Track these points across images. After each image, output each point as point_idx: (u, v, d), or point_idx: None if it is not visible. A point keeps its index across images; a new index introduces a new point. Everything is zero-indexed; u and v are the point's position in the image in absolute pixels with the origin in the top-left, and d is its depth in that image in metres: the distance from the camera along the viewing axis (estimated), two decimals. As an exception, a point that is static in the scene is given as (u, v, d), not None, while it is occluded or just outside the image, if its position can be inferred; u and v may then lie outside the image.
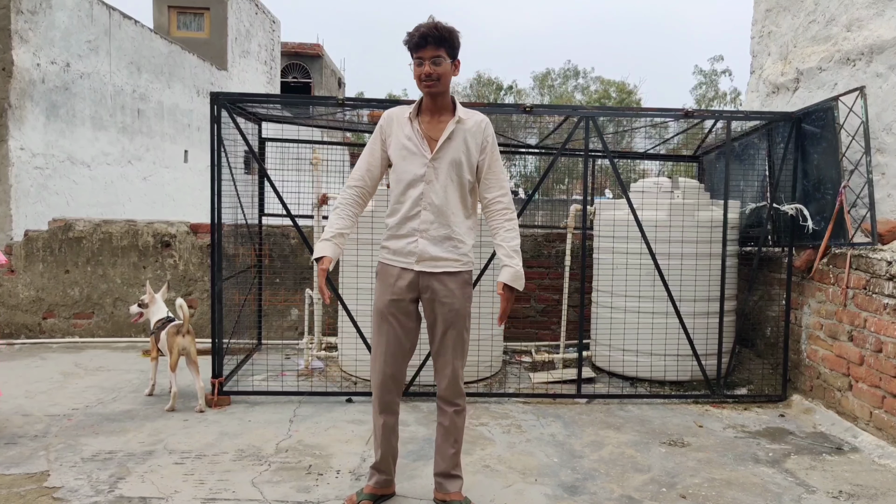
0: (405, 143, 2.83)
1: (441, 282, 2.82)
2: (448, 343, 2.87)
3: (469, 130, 2.83)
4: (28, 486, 3.12)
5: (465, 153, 2.82)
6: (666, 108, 4.79)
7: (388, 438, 2.97)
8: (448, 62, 2.78)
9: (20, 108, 7.03)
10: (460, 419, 2.95)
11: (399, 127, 2.87)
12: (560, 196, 8.68)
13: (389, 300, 2.86)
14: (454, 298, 2.83)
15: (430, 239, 2.81)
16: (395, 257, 2.87)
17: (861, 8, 4.64)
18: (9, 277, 6.09)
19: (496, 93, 35.52)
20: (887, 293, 3.75)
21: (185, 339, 4.24)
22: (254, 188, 5.54)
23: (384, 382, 2.91)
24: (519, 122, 6.26)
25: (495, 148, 2.90)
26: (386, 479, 3.06)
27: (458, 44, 2.81)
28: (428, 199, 2.80)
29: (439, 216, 2.81)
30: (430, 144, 2.82)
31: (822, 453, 3.76)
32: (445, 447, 2.96)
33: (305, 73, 22.80)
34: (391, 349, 2.88)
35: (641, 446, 3.81)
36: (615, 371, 5.09)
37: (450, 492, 2.96)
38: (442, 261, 2.82)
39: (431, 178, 2.80)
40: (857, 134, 4.22)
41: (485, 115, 2.94)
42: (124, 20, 9.47)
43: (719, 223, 4.79)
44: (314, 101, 6.10)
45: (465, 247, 2.87)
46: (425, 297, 2.86)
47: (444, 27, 2.77)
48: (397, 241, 2.86)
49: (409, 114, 2.86)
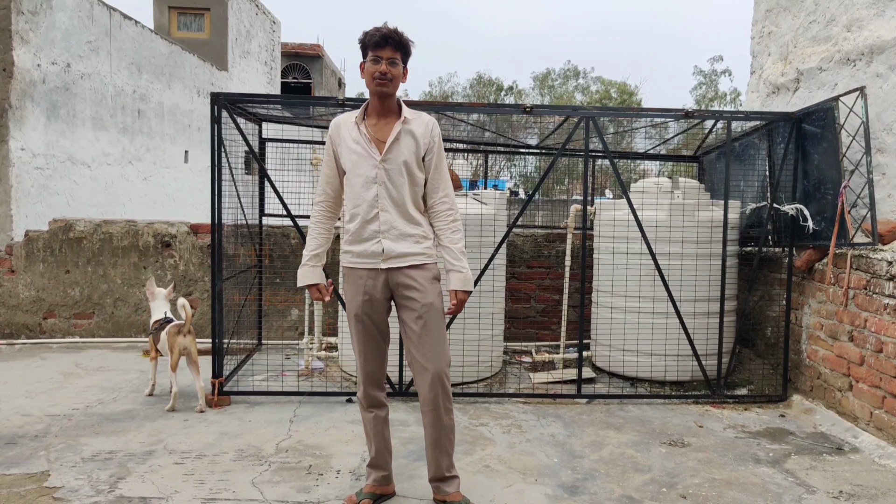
0: (354, 147, 2.88)
1: (410, 276, 2.87)
2: (427, 339, 2.86)
3: (416, 130, 2.89)
4: (28, 486, 3.12)
5: (413, 152, 2.87)
6: (666, 108, 4.79)
7: (381, 431, 3.02)
8: (401, 66, 2.86)
9: (21, 109, 7.03)
10: (448, 419, 2.92)
11: (347, 132, 2.92)
12: (560, 196, 8.69)
13: (362, 301, 2.89)
14: (425, 292, 2.86)
15: (393, 238, 2.86)
16: (360, 259, 2.90)
17: (861, 8, 4.64)
18: (9, 277, 6.09)
19: (496, 93, 35.52)
20: (888, 293, 3.75)
21: (186, 338, 4.26)
22: (254, 188, 5.54)
23: (366, 380, 2.98)
24: (519, 122, 6.27)
25: (441, 149, 2.96)
26: (384, 476, 3.06)
27: (411, 50, 2.91)
28: (383, 199, 2.84)
29: (397, 215, 2.86)
30: (379, 146, 2.86)
31: (822, 453, 3.76)
32: (436, 452, 2.95)
33: (306, 73, 22.80)
34: (369, 347, 2.95)
35: (642, 446, 3.81)
36: (615, 371, 5.09)
37: (448, 493, 2.97)
38: (407, 256, 2.87)
39: (384, 179, 2.84)
40: (857, 134, 4.22)
41: (431, 116, 3.00)
42: (125, 21, 9.47)
43: (719, 223, 4.79)
44: (314, 102, 6.10)
45: (429, 240, 2.93)
46: (397, 294, 2.90)
47: (402, 34, 2.86)
48: (360, 244, 2.89)
49: (356, 118, 2.91)
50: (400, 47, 2.84)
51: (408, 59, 2.91)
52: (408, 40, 2.87)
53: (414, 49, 2.93)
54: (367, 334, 2.93)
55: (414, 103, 4.16)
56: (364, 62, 2.87)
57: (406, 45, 2.86)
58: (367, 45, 2.84)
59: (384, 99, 2.88)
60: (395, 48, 2.82)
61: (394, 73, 2.83)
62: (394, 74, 2.83)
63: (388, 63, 2.81)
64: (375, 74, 2.81)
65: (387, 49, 2.81)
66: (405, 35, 2.87)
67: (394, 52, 2.82)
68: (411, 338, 2.90)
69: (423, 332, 2.86)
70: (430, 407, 2.89)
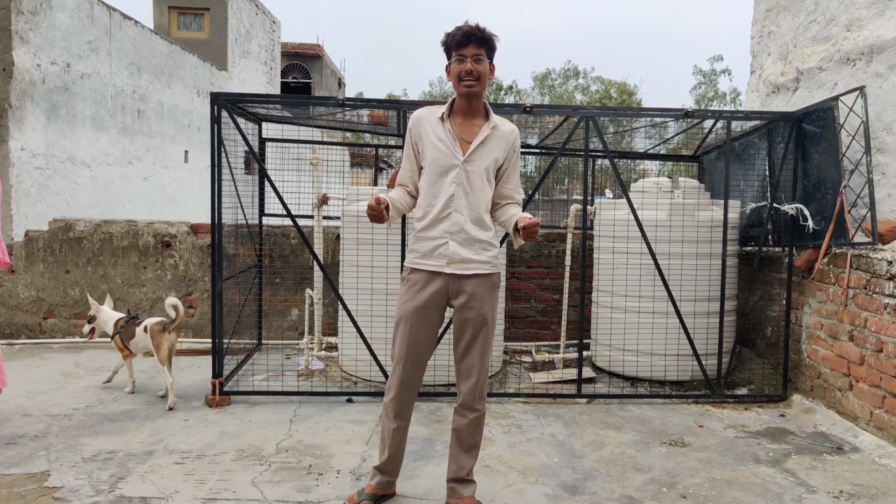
0: (437, 143, 2.81)
1: (471, 285, 2.80)
2: (475, 349, 2.84)
3: (502, 137, 2.84)
4: (28, 486, 3.12)
5: (495, 158, 2.82)
6: (666, 108, 4.79)
7: (399, 442, 2.96)
8: (487, 62, 2.77)
9: (21, 109, 7.03)
10: (481, 424, 2.92)
11: (430, 127, 2.84)
12: (560, 196, 8.69)
13: (416, 307, 2.82)
14: (483, 303, 2.81)
15: (461, 241, 2.78)
16: (424, 260, 2.83)
17: (861, 8, 4.64)
18: (9, 278, 6.09)
19: (496, 93, 35.51)
20: (888, 293, 3.75)
21: (172, 335, 4.35)
22: (254, 188, 5.54)
23: (402, 389, 2.89)
24: (519, 122, 6.26)
25: (518, 158, 2.92)
26: (388, 481, 3.05)
27: (496, 47, 2.81)
28: (459, 200, 2.77)
29: (469, 218, 2.79)
30: (463, 146, 2.79)
31: (822, 453, 3.76)
32: (460, 453, 2.92)
33: (305, 73, 22.80)
34: (412, 355, 2.85)
35: (642, 446, 3.81)
36: (615, 371, 5.09)
37: (463, 496, 2.91)
38: (473, 263, 2.80)
39: (463, 181, 2.77)
40: (857, 134, 4.22)
41: (515, 126, 2.93)
42: (125, 21, 9.47)
43: (719, 223, 4.79)
44: (314, 102, 6.10)
45: (495, 249, 2.87)
46: (456, 303, 2.84)
47: (486, 30, 2.77)
48: (426, 242, 2.82)
49: (442, 114, 2.84)
50: (483, 43, 2.75)
51: (493, 55, 2.80)
52: (491, 35, 2.78)
53: (499, 43, 2.82)
54: (414, 340, 2.84)
55: (414, 103, 4.16)
56: (449, 64, 2.81)
57: (490, 39, 2.76)
58: (451, 46, 2.78)
59: (472, 99, 2.81)
60: (478, 44, 2.74)
61: (480, 70, 2.75)
62: (480, 72, 2.75)
63: (474, 60, 2.74)
64: (461, 74, 2.75)
65: (470, 47, 2.73)
66: (488, 30, 2.77)
67: (478, 48, 2.74)
68: (461, 344, 2.86)
69: (472, 341, 2.84)
70: (468, 411, 2.87)
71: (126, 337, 4.47)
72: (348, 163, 6.49)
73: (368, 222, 4.60)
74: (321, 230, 5.26)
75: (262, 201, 5.70)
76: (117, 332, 4.51)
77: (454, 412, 2.94)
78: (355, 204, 4.89)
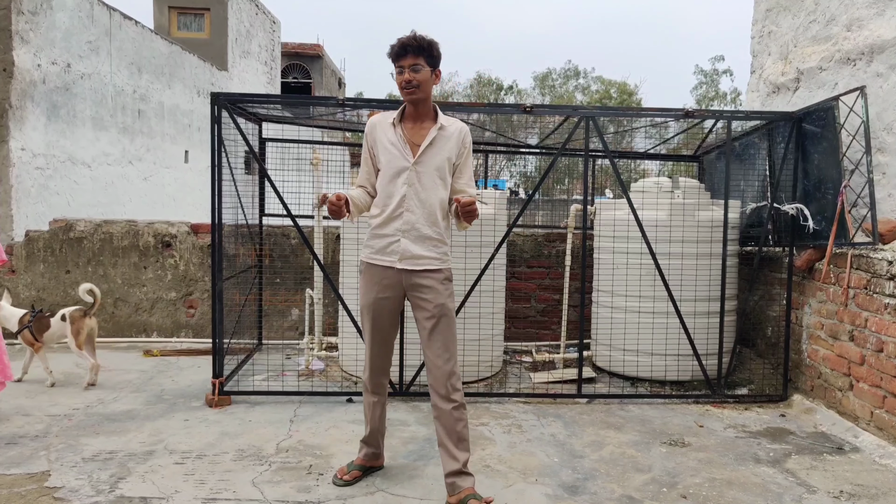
0: (389, 147, 2.99)
1: (424, 278, 2.98)
2: (437, 341, 2.97)
3: (450, 137, 3.00)
4: (29, 486, 3.12)
5: (446, 158, 2.99)
6: (666, 108, 4.78)
7: (379, 414, 3.25)
8: (427, 70, 2.94)
9: (21, 109, 7.03)
10: (459, 414, 2.96)
11: (382, 132, 3.03)
12: (560, 196, 8.69)
13: (374, 298, 3.04)
14: (438, 295, 2.98)
15: (412, 238, 2.96)
16: (379, 255, 3.02)
17: (861, 8, 4.64)
18: (10, 278, 6.09)
19: (496, 93, 35.51)
20: (888, 293, 3.75)
21: (92, 320, 4.63)
22: (254, 188, 5.54)
23: (374, 370, 3.19)
24: (519, 122, 6.27)
25: (470, 155, 3.09)
26: (374, 453, 3.32)
27: (438, 54, 2.98)
28: (411, 200, 2.95)
29: (421, 217, 2.95)
30: (413, 149, 2.97)
31: (822, 453, 3.76)
32: (451, 447, 2.96)
33: (306, 73, 22.81)
34: (377, 339, 3.13)
35: (642, 446, 3.81)
36: (616, 371, 5.09)
37: (462, 488, 2.93)
38: (423, 259, 2.98)
39: (414, 181, 2.95)
40: (857, 133, 4.22)
41: (464, 124, 3.09)
42: (125, 21, 9.47)
43: (719, 223, 4.79)
44: (314, 102, 6.10)
45: (445, 246, 3.04)
46: (411, 294, 3.02)
47: (423, 38, 2.93)
48: (380, 239, 3.01)
49: (393, 119, 3.03)
50: (420, 52, 2.90)
51: (435, 61, 2.96)
52: (429, 43, 2.93)
53: (440, 48, 2.97)
54: (377, 326, 3.10)
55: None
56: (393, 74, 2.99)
57: (426, 47, 2.92)
58: (392, 59, 2.96)
59: (417, 104, 2.99)
60: (415, 54, 2.90)
61: (419, 78, 2.91)
62: (419, 80, 2.91)
63: (412, 70, 2.90)
64: (402, 84, 2.93)
65: (408, 57, 2.90)
66: (425, 38, 2.93)
67: (415, 58, 2.90)
68: (424, 336, 3.02)
69: (434, 331, 2.98)
70: (442, 401, 2.96)
71: (39, 330, 4.63)
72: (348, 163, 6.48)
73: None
74: (321, 230, 5.26)
75: (263, 201, 5.70)
76: (25, 327, 4.64)
77: (432, 408, 3.02)
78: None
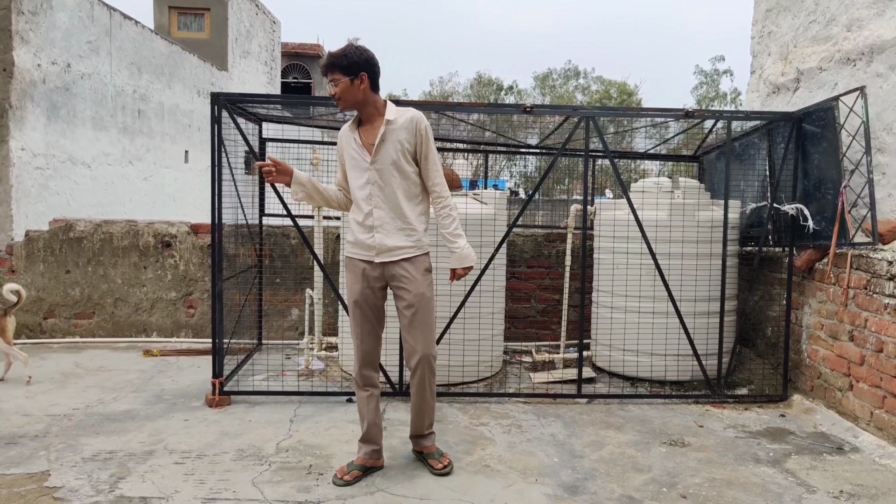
0: (351, 153, 3.22)
1: (403, 268, 3.19)
2: (417, 325, 3.21)
3: (401, 128, 3.14)
4: (28, 486, 3.12)
5: (400, 150, 3.13)
6: (666, 108, 4.78)
7: (374, 408, 3.33)
8: (346, 80, 3.09)
9: (21, 109, 7.03)
10: (431, 396, 3.32)
11: (346, 142, 3.25)
12: (560, 196, 8.69)
13: (360, 289, 3.24)
14: (417, 283, 3.19)
15: (385, 233, 3.17)
16: (358, 251, 3.24)
17: (861, 8, 4.64)
18: (10, 277, 6.09)
19: (496, 93, 35.51)
20: (888, 293, 3.75)
21: (12, 318, 4.84)
22: (254, 188, 5.54)
23: (363, 361, 3.31)
24: (519, 122, 6.27)
25: (429, 140, 3.20)
26: (374, 450, 3.34)
27: (353, 61, 3.09)
28: (376, 197, 3.16)
29: (389, 211, 3.16)
30: (369, 149, 3.16)
31: (822, 453, 3.76)
32: (419, 417, 3.37)
33: (306, 73, 22.81)
34: (366, 331, 3.29)
35: (642, 446, 3.81)
36: (615, 371, 5.09)
37: (424, 445, 3.43)
38: (398, 249, 3.18)
39: (375, 179, 3.15)
40: (857, 134, 4.22)
41: (417, 111, 3.23)
42: (125, 21, 9.47)
43: (719, 223, 4.79)
44: (314, 102, 6.09)
45: (418, 233, 3.21)
46: (393, 285, 3.25)
47: (335, 52, 3.13)
48: (357, 236, 3.23)
49: (350, 127, 3.25)
50: (333, 68, 3.09)
51: (351, 68, 3.08)
52: (340, 55, 3.09)
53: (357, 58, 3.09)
54: (364, 319, 3.27)
55: (414, 103, 4.16)
56: None
57: (337, 61, 3.07)
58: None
59: (359, 110, 3.20)
60: (331, 71, 3.10)
61: (339, 91, 3.11)
62: (339, 93, 3.11)
63: (332, 85, 3.14)
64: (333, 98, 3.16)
65: (328, 76, 3.14)
66: (337, 52, 3.11)
67: (332, 74, 3.11)
68: (403, 323, 3.25)
69: (413, 319, 3.21)
70: (418, 383, 3.28)
71: None
72: (348, 163, 6.53)
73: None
74: (321, 230, 5.26)
75: (263, 201, 5.70)
76: None
77: (410, 384, 3.32)
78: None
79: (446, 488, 3.20)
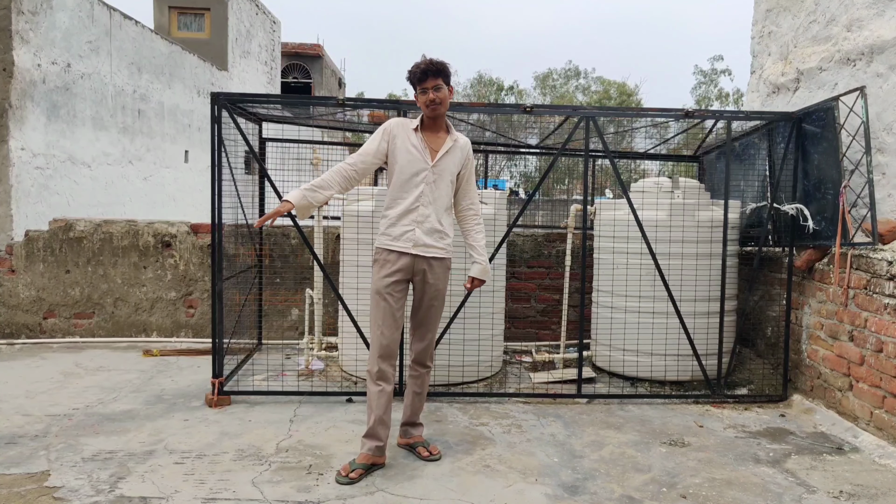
0: (411, 149, 3.39)
1: (430, 265, 3.42)
2: (431, 316, 3.51)
3: (460, 148, 3.49)
4: (28, 486, 3.12)
5: (455, 165, 3.46)
6: (666, 108, 4.78)
7: (384, 404, 3.38)
8: (446, 88, 3.40)
9: (21, 109, 7.03)
10: (428, 378, 3.62)
11: (405, 134, 3.43)
12: (560, 196, 8.69)
13: (390, 281, 3.38)
14: (438, 280, 3.46)
15: (424, 230, 3.39)
16: (395, 242, 3.39)
17: (861, 8, 4.64)
18: (9, 277, 6.09)
19: (497, 93, 35.52)
20: (888, 293, 3.75)
21: None
22: (254, 188, 5.54)
23: (382, 354, 3.38)
24: (520, 122, 6.26)
25: (473, 165, 3.59)
26: (378, 447, 3.37)
27: (449, 73, 3.43)
28: (426, 197, 3.39)
29: (433, 212, 3.40)
30: (431, 154, 3.41)
31: (822, 453, 3.76)
32: (417, 403, 3.60)
33: (306, 73, 22.81)
34: (388, 322, 3.38)
35: (642, 446, 3.81)
36: (615, 371, 5.09)
37: (413, 435, 3.62)
38: (432, 248, 3.41)
39: (430, 181, 3.39)
40: (857, 134, 4.22)
41: (467, 138, 3.58)
42: (125, 21, 9.46)
43: (719, 223, 4.79)
44: (314, 102, 6.09)
45: (449, 238, 3.49)
46: (416, 279, 3.44)
47: (439, 61, 3.39)
48: (396, 228, 3.40)
49: (415, 126, 3.44)
50: (439, 74, 3.36)
51: (449, 79, 3.43)
52: (444, 65, 3.40)
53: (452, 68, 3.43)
54: (388, 310, 3.38)
55: (414, 103, 4.16)
56: (416, 94, 3.42)
57: (442, 69, 3.38)
58: (414, 82, 3.40)
59: (437, 118, 3.45)
60: (435, 76, 3.35)
61: (440, 96, 3.37)
62: (441, 98, 3.37)
63: (434, 90, 3.36)
64: (427, 102, 3.37)
65: (429, 80, 3.35)
66: (440, 61, 3.39)
67: (435, 79, 3.35)
68: (422, 313, 3.50)
69: (429, 310, 3.49)
70: (419, 367, 3.56)
71: None
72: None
73: (369, 222, 4.61)
74: (321, 230, 5.26)
75: (263, 201, 5.69)
76: None
77: (409, 368, 3.58)
78: (355, 204, 4.89)
79: (446, 488, 3.20)
